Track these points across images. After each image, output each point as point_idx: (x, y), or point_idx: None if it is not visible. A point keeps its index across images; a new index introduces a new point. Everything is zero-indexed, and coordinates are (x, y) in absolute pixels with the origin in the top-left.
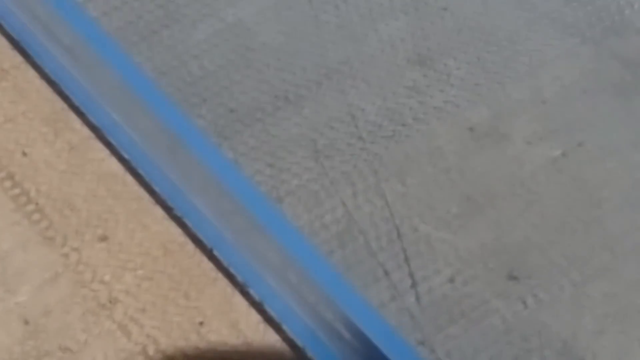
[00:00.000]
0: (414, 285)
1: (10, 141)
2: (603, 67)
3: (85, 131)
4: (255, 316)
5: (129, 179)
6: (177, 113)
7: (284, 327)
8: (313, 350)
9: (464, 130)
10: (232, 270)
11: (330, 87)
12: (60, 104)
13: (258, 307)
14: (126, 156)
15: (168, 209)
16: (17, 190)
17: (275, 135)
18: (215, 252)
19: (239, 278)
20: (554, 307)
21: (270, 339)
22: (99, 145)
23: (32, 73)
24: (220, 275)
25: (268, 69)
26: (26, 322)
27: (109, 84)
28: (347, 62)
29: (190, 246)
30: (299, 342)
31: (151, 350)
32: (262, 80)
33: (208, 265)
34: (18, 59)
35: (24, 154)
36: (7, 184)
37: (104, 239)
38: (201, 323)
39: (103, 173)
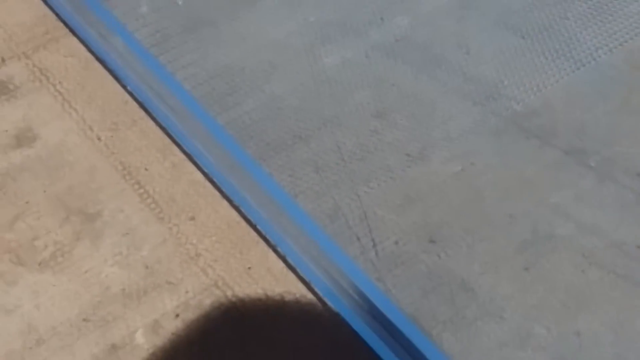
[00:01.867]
0: (374, 246)
1: (138, 162)
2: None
3: (182, 156)
4: (281, 264)
5: (207, 184)
6: (241, 151)
7: (298, 271)
8: (317, 285)
9: (404, 155)
10: (267, 237)
11: (326, 130)
12: (167, 140)
13: (283, 259)
14: (206, 170)
15: (230, 201)
16: (141, 191)
17: (293, 159)
18: (258, 227)
19: (271, 241)
20: (456, 259)
21: (290, 278)
22: (190, 164)
23: (150, 123)
24: (260, 240)
25: (290, 119)
26: (146, 267)
27: (196, 128)
28: (336, 115)
29: (243, 223)
30: (307, 279)
31: (220, 284)
32: (286, 126)
33: (253, 234)
34: (142, 113)
35: (146, 169)
36: (136, 187)
37: (192, 219)
38: (249, 268)
39: (192, 180)
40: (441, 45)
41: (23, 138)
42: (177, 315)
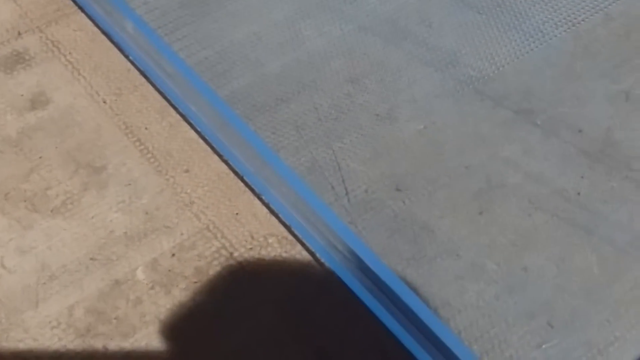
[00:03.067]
0: (347, 194)
1: (139, 122)
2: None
3: (177, 116)
4: (264, 210)
5: (200, 141)
6: (230, 112)
7: (280, 216)
8: (297, 228)
9: (373, 115)
10: (253, 186)
11: (304, 93)
12: (165, 103)
13: (266, 205)
14: (199, 129)
15: (220, 156)
16: (142, 147)
17: (276, 118)
18: (245, 178)
19: (256, 191)
20: (419, 204)
21: (273, 222)
22: (184, 124)
23: (150, 88)
24: (247, 189)
25: (273, 84)
26: (146, 213)
27: (190, 92)
28: (314, 80)
29: (232, 175)
30: (288, 223)
31: (211, 227)
32: (270, 90)
33: (240, 184)
34: (142, 80)
35: (146, 128)
36: (137, 144)
37: (187, 171)
38: (237, 213)
39: (187, 138)
40: (406, 19)
41: (37, 101)
42: (173, 255)
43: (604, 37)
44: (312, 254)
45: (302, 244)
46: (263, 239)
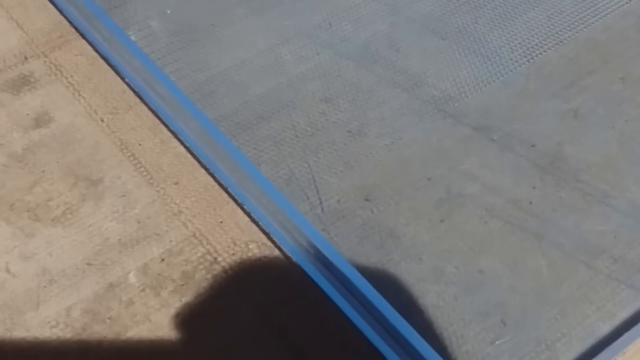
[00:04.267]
0: (320, 203)
1: (132, 139)
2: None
3: (168, 133)
4: (246, 219)
5: (189, 156)
6: (215, 129)
7: (260, 224)
8: (275, 235)
9: (345, 132)
10: (236, 197)
11: (283, 112)
12: (157, 121)
13: (248, 214)
14: (187, 145)
15: (206, 169)
16: (136, 162)
17: (257, 135)
18: (229, 189)
19: (239, 201)
20: (386, 213)
21: (253, 229)
22: (175, 140)
23: (144, 107)
24: (230, 200)
25: (255, 103)
26: (138, 222)
27: (180, 111)
28: (292, 100)
29: (217, 187)
30: (267, 230)
31: (197, 235)
32: (252, 109)
33: (225, 195)
34: (137, 100)
35: (140, 144)
36: (131, 158)
37: (176, 183)
38: (221, 222)
39: (177, 153)
40: (377, 45)
41: (41, 120)
42: (162, 260)
43: (555, 60)
44: (288, 258)
45: (280, 249)
46: (244, 245)
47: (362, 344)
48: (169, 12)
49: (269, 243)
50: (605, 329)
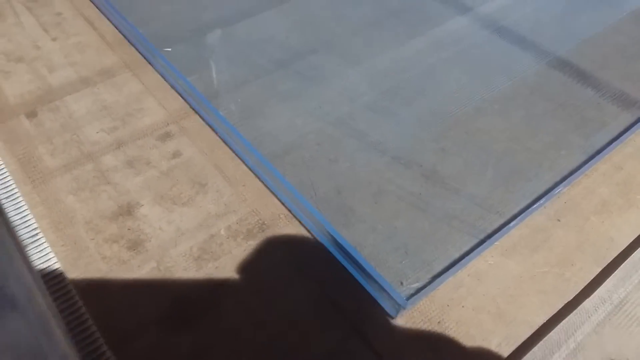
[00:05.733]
0: (314, 191)
1: (223, 166)
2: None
3: (244, 167)
4: (282, 207)
5: (250, 172)
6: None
7: (286, 205)
8: (294, 211)
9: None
10: (257, 173)
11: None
12: (236, 158)
13: (283, 204)
14: (259, 177)
15: (232, 149)
16: (222, 175)
17: (287, 162)
18: (277, 195)
19: (280, 198)
20: (351, 202)
21: (272, 198)
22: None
23: (228, 150)
24: (272, 195)
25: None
26: (225, 205)
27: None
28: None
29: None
30: (280, 198)
31: (254, 211)
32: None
33: (244, 167)
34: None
35: (224, 169)
36: (221, 174)
37: (244, 185)
38: (266, 205)
39: (244, 171)
40: (379, 130)
41: (175, 154)
42: (237, 223)
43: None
44: (306, 228)
45: (299, 221)
46: (277, 217)
47: (349, 278)
48: (169, 49)
49: (291, 216)
50: (455, 254)
